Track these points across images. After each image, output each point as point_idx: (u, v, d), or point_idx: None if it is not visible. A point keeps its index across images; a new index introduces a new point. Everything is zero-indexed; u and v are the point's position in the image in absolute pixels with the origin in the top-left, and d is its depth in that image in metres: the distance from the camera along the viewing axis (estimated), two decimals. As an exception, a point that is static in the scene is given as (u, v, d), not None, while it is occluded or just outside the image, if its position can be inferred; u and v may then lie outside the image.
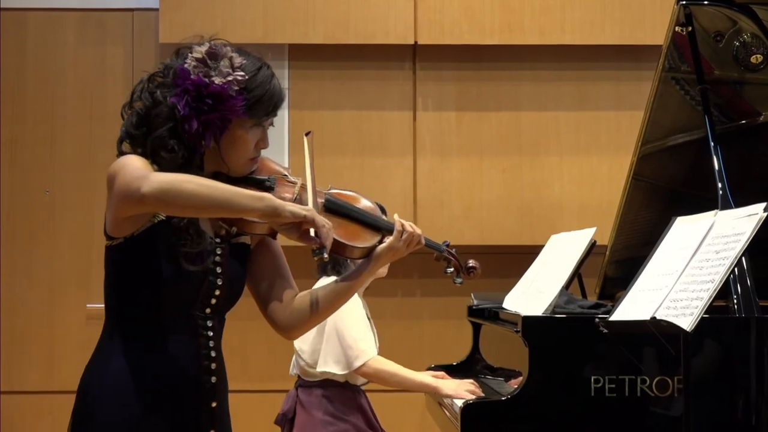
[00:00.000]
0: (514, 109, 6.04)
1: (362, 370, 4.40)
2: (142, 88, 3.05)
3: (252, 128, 3.04)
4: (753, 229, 3.22)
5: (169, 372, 2.99)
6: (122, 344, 3.00)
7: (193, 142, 2.98)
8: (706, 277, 3.21)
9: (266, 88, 3.03)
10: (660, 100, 4.52)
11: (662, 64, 4.46)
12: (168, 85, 3.00)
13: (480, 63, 6.02)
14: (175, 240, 2.95)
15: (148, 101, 3.01)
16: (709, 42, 4.43)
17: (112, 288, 3.04)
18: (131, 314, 3.00)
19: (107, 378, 2.99)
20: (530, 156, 6.03)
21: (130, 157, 2.94)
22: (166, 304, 2.97)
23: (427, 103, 6.04)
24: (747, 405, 3.66)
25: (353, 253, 3.15)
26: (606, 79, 6.02)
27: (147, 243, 2.96)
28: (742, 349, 3.67)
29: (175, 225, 2.95)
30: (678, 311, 3.15)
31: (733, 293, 3.78)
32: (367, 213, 3.19)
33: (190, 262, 2.96)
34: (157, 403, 2.97)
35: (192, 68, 2.97)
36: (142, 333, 2.99)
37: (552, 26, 5.94)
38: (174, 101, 2.96)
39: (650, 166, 4.68)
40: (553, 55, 6.02)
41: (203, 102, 2.96)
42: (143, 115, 3.01)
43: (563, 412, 3.69)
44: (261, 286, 3.19)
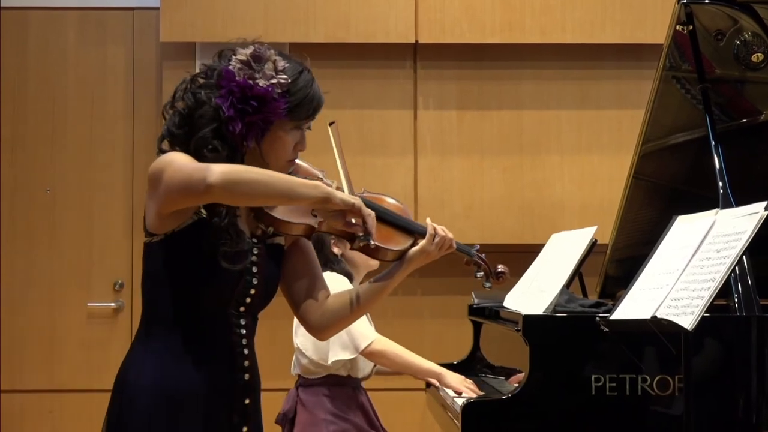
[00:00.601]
0: (515, 108, 6.04)
1: (369, 349, 4.38)
2: (185, 88, 3.09)
3: (292, 130, 3.09)
4: (754, 228, 3.22)
5: (204, 369, 3.03)
6: (159, 341, 3.04)
7: (235, 143, 3.02)
8: (706, 275, 3.21)
9: (307, 92, 3.08)
10: (661, 99, 4.52)
11: (663, 63, 4.46)
12: (212, 86, 3.04)
13: (481, 62, 6.02)
14: (216, 239, 2.99)
15: (191, 101, 3.05)
16: (710, 41, 4.43)
17: (150, 284, 3.08)
18: (168, 311, 3.03)
19: (144, 374, 3.02)
20: (531, 155, 6.03)
21: (177, 154, 2.98)
22: (203, 301, 3.02)
23: (428, 102, 6.04)
24: (748, 404, 3.66)
25: (387, 255, 3.20)
26: (607, 79, 6.02)
27: (187, 240, 2.99)
28: (742, 348, 3.67)
29: (216, 225, 3.00)
30: (679, 310, 3.15)
31: (734, 292, 3.78)
32: (401, 216, 3.25)
33: (229, 262, 3.00)
34: (193, 400, 3.01)
35: (237, 70, 3.02)
36: (178, 330, 3.02)
37: (553, 25, 5.94)
38: (219, 102, 3.01)
39: (651, 165, 4.68)
40: (554, 55, 6.01)
41: (248, 104, 3.01)
42: (186, 115, 3.05)
43: (564, 411, 3.69)
44: (294, 287, 3.24)
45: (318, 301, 3.23)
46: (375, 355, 4.41)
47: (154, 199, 2.98)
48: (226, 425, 3.07)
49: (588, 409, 3.66)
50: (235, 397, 3.08)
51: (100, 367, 6.06)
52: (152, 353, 3.03)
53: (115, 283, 6.10)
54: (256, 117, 3.02)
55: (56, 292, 6.09)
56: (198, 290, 3.02)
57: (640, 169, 4.66)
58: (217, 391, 3.05)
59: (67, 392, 6.08)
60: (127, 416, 3.01)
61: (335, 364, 4.46)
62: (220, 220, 2.99)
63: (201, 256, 3.00)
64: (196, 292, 3.02)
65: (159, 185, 2.94)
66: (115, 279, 6.10)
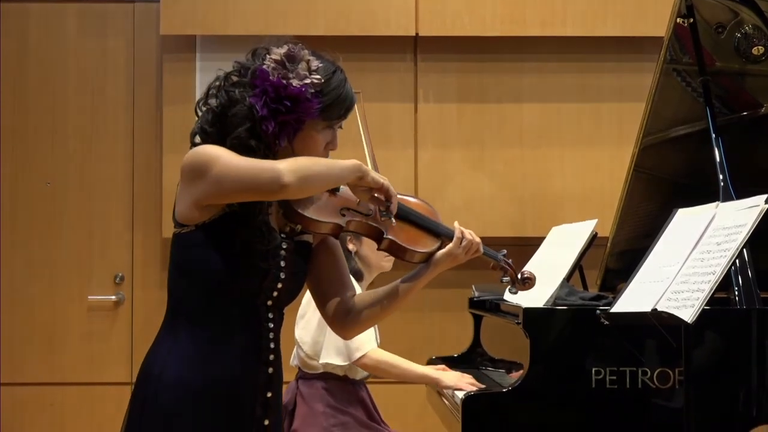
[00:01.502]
0: (516, 101, 6.04)
1: (362, 361, 4.40)
2: (218, 86, 3.11)
3: (324, 130, 3.12)
4: (754, 221, 3.22)
5: (229, 363, 3.04)
6: (185, 333, 3.04)
7: (268, 142, 3.04)
8: (707, 269, 3.21)
9: (340, 92, 3.10)
10: (661, 92, 4.52)
11: (664, 56, 4.46)
12: (245, 84, 3.06)
13: (482, 55, 6.02)
14: (248, 236, 3.01)
15: (224, 99, 3.07)
16: (711, 33, 4.43)
17: (177, 275, 3.08)
18: (195, 303, 3.04)
19: (170, 366, 3.03)
20: (531, 148, 6.02)
21: (219, 148, 2.99)
22: (230, 294, 3.03)
23: (428, 95, 6.04)
24: (748, 397, 3.66)
25: (413, 257, 3.22)
26: (607, 71, 6.01)
27: (219, 231, 3.01)
28: (742, 341, 3.68)
29: (250, 222, 3.01)
30: (679, 303, 3.15)
31: (734, 285, 3.78)
32: (428, 218, 3.26)
33: (260, 259, 3.03)
34: (216, 393, 3.02)
35: (271, 69, 3.05)
36: (205, 322, 3.03)
37: (553, 18, 5.94)
38: (253, 101, 3.03)
39: (652, 158, 4.68)
40: (554, 47, 6.01)
41: (281, 103, 3.03)
42: (219, 113, 3.07)
43: (564, 403, 3.70)
44: (321, 285, 3.26)
45: (344, 300, 3.25)
46: (369, 366, 4.42)
47: (192, 190, 2.98)
48: (249, 418, 3.08)
49: (588, 402, 3.67)
50: (259, 389, 3.09)
51: (101, 360, 6.07)
52: (177, 346, 3.03)
53: (115, 276, 6.11)
54: (289, 117, 3.04)
55: (57, 285, 6.09)
56: (227, 283, 3.03)
57: (641, 162, 4.66)
58: (241, 384, 3.06)
59: (68, 385, 6.09)
60: (150, 410, 3.02)
61: (326, 367, 4.47)
62: (254, 217, 3.01)
63: (231, 249, 3.01)
64: (225, 285, 3.03)
65: (203, 177, 2.95)
66: (116, 272, 6.10)
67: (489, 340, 4.61)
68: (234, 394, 3.05)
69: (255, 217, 3.02)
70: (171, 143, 5.88)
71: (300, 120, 3.05)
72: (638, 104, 4.85)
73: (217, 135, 3.05)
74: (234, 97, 3.05)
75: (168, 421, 3.00)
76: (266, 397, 3.11)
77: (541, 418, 3.66)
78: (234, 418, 3.05)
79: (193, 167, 2.98)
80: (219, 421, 3.03)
